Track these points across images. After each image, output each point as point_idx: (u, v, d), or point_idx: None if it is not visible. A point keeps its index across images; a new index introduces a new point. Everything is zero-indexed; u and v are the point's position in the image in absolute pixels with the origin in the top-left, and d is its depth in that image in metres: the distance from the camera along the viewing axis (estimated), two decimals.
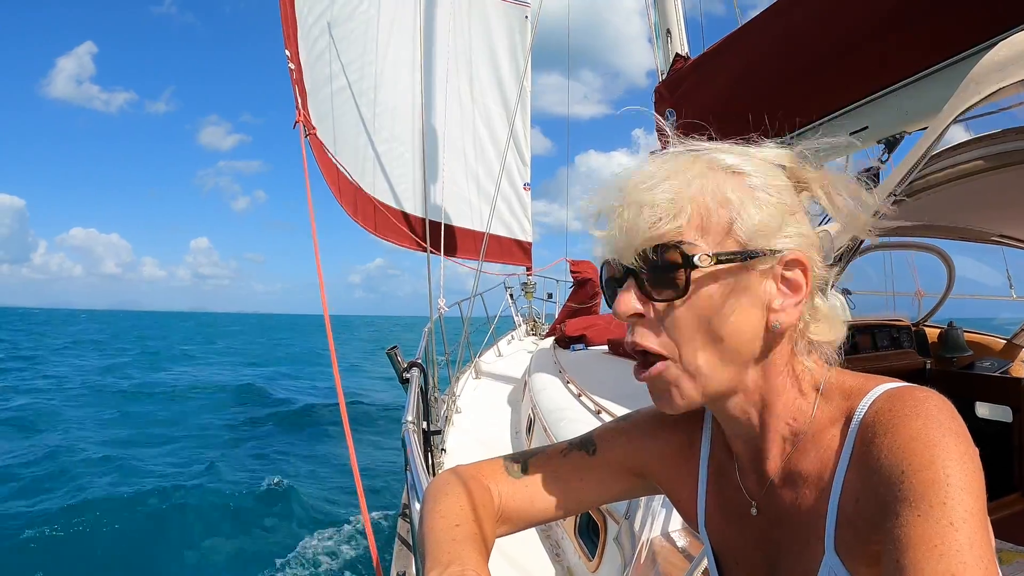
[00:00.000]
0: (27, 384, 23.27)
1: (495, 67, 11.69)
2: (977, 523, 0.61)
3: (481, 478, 1.00)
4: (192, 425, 16.70)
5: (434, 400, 4.98)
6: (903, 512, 0.63)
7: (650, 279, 0.78)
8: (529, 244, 12.33)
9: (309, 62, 8.33)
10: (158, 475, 11.23)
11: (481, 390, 6.73)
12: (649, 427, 1.05)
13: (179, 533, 8.90)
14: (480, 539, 0.87)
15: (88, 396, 20.90)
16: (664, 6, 4.58)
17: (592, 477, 1.03)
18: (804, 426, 0.82)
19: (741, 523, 0.92)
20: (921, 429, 0.67)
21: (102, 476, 10.98)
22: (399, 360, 3.81)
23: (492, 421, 5.52)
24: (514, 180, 12.05)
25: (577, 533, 2.87)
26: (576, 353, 5.94)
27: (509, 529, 1.01)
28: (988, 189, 2.56)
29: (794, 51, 3.10)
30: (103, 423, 16.39)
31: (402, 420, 2.92)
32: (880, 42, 2.69)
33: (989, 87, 1.47)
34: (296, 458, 13.20)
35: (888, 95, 2.72)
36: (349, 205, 9.19)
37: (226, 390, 23.35)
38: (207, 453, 13.21)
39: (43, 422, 15.79)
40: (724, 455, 0.96)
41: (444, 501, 0.92)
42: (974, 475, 0.64)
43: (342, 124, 9.28)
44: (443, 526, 0.87)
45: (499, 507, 0.98)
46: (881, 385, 0.77)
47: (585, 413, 3.42)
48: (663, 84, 4.17)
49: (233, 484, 10.96)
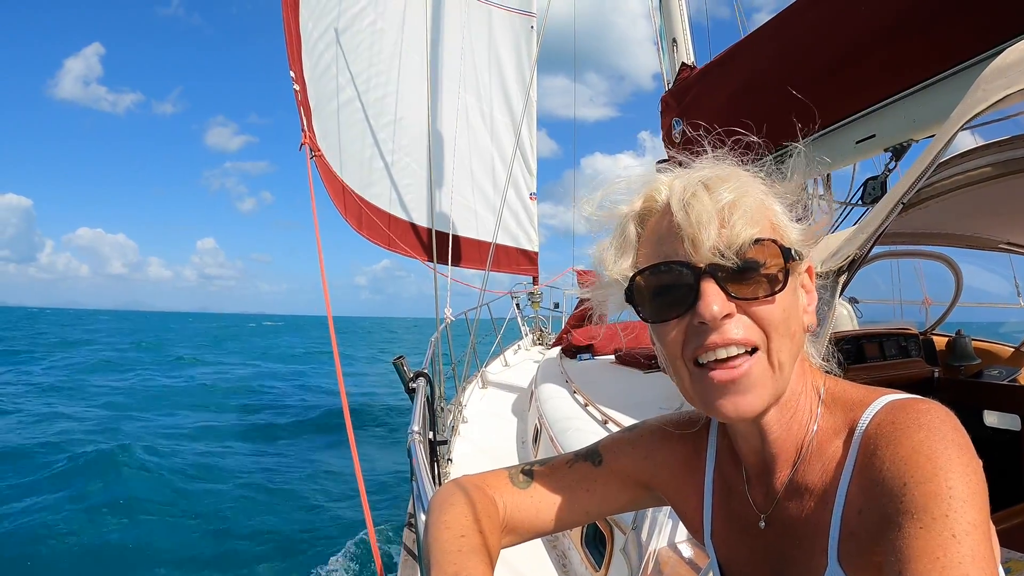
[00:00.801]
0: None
1: (501, 77, 11.73)
2: (980, 535, 0.61)
3: (486, 489, 0.99)
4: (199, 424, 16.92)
5: (440, 410, 4.97)
6: (905, 524, 0.63)
7: (744, 276, 0.76)
8: (535, 254, 12.34)
9: (314, 78, 8.35)
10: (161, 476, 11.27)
11: (487, 400, 6.72)
12: (655, 439, 1.04)
13: (176, 538, 8.92)
14: (485, 550, 0.86)
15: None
16: (670, 16, 4.59)
17: (598, 488, 1.03)
18: (809, 437, 0.82)
19: (747, 535, 0.91)
20: (924, 441, 0.66)
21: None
22: (405, 370, 3.81)
23: (498, 431, 5.50)
24: (520, 190, 12.08)
25: (584, 543, 2.86)
26: (583, 363, 5.91)
27: (514, 540, 1.01)
28: (996, 196, 2.55)
29: (800, 60, 3.10)
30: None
31: (408, 430, 2.91)
32: (886, 50, 2.69)
33: (996, 94, 1.47)
34: (301, 463, 13.22)
35: (895, 103, 2.72)
36: (354, 218, 9.21)
37: (233, 392, 23.53)
38: (209, 455, 13.32)
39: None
40: (731, 468, 0.96)
41: (449, 512, 0.91)
42: (977, 487, 0.63)
43: (347, 137, 9.31)
44: (448, 537, 0.87)
45: (504, 518, 0.98)
46: (884, 397, 0.77)
47: (592, 423, 3.41)
48: (669, 93, 4.18)
49: (235, 490, 10.98)
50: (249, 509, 10.09)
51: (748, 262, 0.75)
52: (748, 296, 0.76)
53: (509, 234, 11.81)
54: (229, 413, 19.22)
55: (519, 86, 11.50)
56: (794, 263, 0.77)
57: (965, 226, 3.36)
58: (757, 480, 0.89)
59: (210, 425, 17.13)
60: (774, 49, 3.30)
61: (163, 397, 21.62)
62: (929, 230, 3.44)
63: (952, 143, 1.59)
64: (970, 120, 1.52)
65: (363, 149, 9.61)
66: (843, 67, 2.89)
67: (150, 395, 22.00)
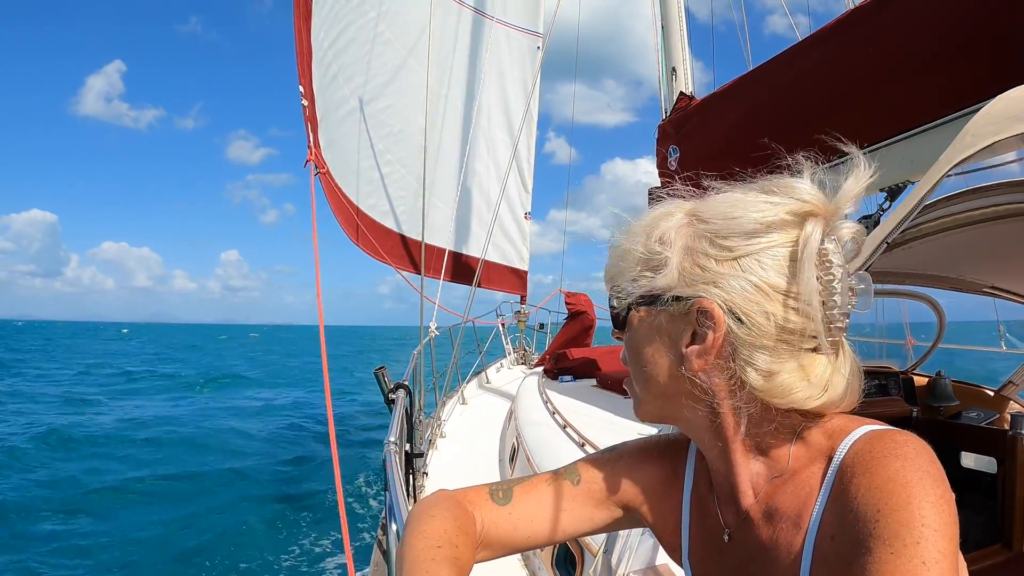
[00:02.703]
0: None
1: (503, 95, 11.79)
2: (949, 565, 0.62)
3: (466, 503, 1.00)
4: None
5: (419, 423, 4.95)
6: (876, 549, 0.63)
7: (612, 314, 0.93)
8: (525, 272, 12.34)
9: (322, 88, 8.37)
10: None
11: (467, 416, 6.70)
12: (633, 460, 1.05)
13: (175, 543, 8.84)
14: (458, 562, 0.87)
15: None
16: (670, 46, 4.64)
17: (575, 507, 1.03)
18: (783, 464, 0.83)
19: (720, 555, 0.92)
20: (899, 471, 0.67)
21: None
22: (386, 381, 3.80)
23: (476, 447, 5.49)
24: (515, 208, 12.09)
25: (554, 564, 2.85)
26: (564, 384, 5.92)
27: (490, 555, 1.01)
28: (981, 240, 2.58)
29: (801, 97, 3.12)
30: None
31: (384, 440, 2.90)
32: (888, 92, 2.71)
33: (984, 140, 1.49)
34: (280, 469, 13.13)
35: (894, 144, 2.74)
36: (351, 229, 9.22)
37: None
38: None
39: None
40: (706, 487, 0.96)
41: (428, 523, 0.92)
42: (949, 519, 0.64)
43: (350, 147, 9.34)
44: (424, 546, 0.87)
45: (481, 533, 0.98)
46: (863, 427, 0.78)
47: (569, 444, 3.41)
48: (668, 122, 4.20)
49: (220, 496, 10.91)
50: (222, 512, 10.02)
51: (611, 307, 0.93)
52: (616, 330, 0.95)
53: (499, 251, 11.82)
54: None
55: (520, 105, 11.54)
56: (630, 312, 0.90)
57: (950, 268, 3.39)
58: (726, 500, 0.90)
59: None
60: (776, 86, 3.32)
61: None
62: (914, 270, 3.47)
63: (939, 187, 1.60)
64: (957, 165, 1.54)
65: (360, 160, 9.63)
66: (845, 106, 2.91)
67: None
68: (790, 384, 0.78)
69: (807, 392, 0.78)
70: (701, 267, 0.80)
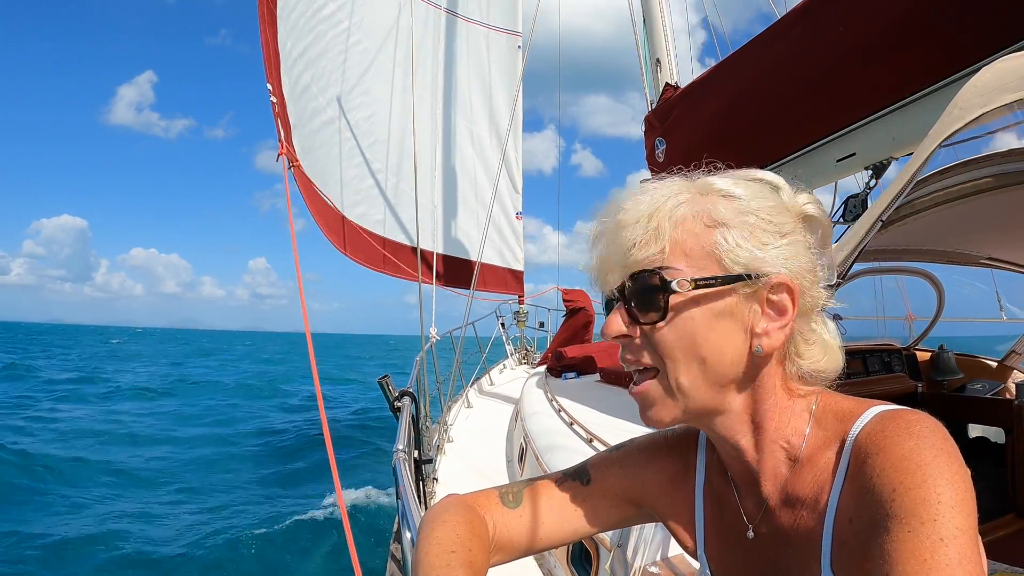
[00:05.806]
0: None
1: (488, 96, 11.78)
2: (968, 540, 0.62)
3: (477, 508, 1.00)
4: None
5: (426, 429, 4.95)
6: (893, 528, 0.64)
7: (635, 302, 0.82)
8: (521, 273, 12.32)
9: (293, 96, 8.35)
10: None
11: (473, 419, 6.69)
12: (643, 456, 1.05)
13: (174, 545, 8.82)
14: (474, 567, 0.88)
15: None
16: (653, 36, 4.63)
17: (587, 507, 1.03)
18: (799, 449, 0.82)
19: (740, 547, 0.92)
20: (913, 449, 0.67)
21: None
22: (390, 389, 3.79)
23: (484, 450, 5.48)
24: (507, 208, 12.07)
25: (570, 562, 2.84)
26: (568, 382, 5.91)
27: (503, 558, 1.01)
28: (975, 212, 2.58)
29: (781, 80, 3.13)
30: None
31: (393, 449, 2.90)
32: (866, 69, 2.72)
33: (973, 112, 1.49)
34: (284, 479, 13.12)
35: (875, 122, 2.74)
36: (336, 237, 9.19)
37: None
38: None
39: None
40: (720, 479, 0.96)
41: (441, 529, 0.92)
42: (965, 495, 0.64)
43: (330, 156, 9.31)
44: (438, 552, 0.88)
45: (494, 536, 0.98)
46: (874, 408, 0.78)
47: (577, 442, 3.40)
48: (652, 114, 4.20)
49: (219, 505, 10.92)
50: (228, 524, 9.98)
51: (636, 288, 0.81)
52: (641, 322, 0.82)
53: (496, 252, 11.81)
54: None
55: (506, 106, 11.52)
56: (677, 294, 0.79)
57: (946, 242, 3.39)
58: (747, 491, 0.90)
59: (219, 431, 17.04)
60: (755, 69, 3.32)
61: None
62: (911, 246, 3.48)
63: (930, 161, 1.61)
64: (948, 138, 1.55)
65: (346, 169, 9.59)
66: (824, 86, 2.92)
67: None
68: (821, 349, 0.85)
69: (836, 355, 0.85)
70: (763, 243, 0.80)
